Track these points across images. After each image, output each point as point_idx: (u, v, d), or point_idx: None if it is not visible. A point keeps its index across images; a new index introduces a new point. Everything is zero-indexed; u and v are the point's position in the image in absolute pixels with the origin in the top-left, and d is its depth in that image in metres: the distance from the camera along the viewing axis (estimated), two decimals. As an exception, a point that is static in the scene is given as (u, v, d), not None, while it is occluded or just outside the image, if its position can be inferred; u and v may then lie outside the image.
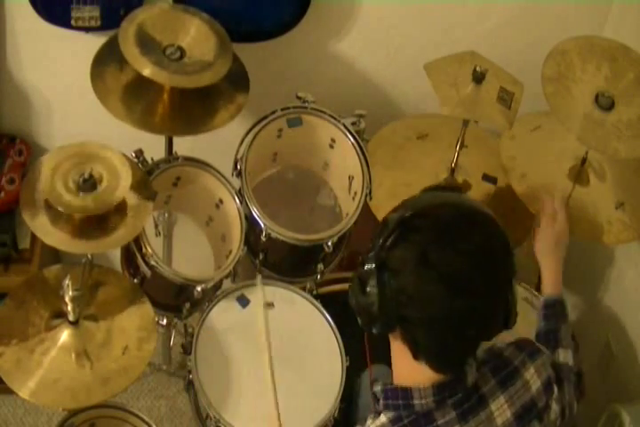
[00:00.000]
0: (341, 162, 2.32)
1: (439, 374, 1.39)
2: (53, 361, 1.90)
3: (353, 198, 2.26)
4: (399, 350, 1.40)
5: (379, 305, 1.33)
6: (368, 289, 1.34)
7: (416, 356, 1.37)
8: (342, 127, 2.27)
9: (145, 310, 2.03)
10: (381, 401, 1.42)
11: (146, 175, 2.08)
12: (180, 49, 2.09)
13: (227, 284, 2.25)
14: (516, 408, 1.45)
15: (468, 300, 1.31)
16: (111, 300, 2.01)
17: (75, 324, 1.92)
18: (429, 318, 1.32)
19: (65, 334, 1.92)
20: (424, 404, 1.39)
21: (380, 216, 2.21)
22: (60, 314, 1.93)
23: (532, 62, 2.08)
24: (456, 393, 1.40)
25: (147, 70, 2.04)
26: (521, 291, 2.32)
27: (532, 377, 1.49)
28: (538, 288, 2.40)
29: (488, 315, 1.36)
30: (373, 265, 1.33)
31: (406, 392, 1.39)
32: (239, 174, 2.19)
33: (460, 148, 2.24)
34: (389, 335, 1.40)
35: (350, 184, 2.31)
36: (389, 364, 1.46)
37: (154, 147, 2.24)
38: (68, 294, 1.83)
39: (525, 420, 1.47)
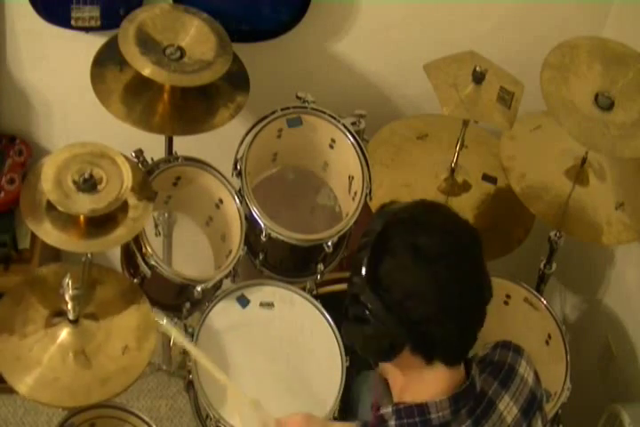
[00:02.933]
0: (341, 162, 2.32)
1: (452, 368, 1.39)
2: (52, 359, 1.90)
3: (353, 198, 2.26)
4: (407, 368, 1.40)
5: (386, 324, 1.32)
6: (367, 313, 1.33)
7: (431, 359, 1.37)
8: (342, 127, 2.27)
9: (144, 309, 2.03)
10: (393, 422, 1.41)
11: (146, 175, 2.08)
12: (180, 49, 2.10)
13: (227, 284, 2.25)
14: (521, 404, 1.47)
15: (467, 272, 1.35)
16: (111, 299, 2.01)
17: (74, 322, 1.92)
18: (443, 305, 1.33)
19: (64, 333, 1.92)
20: (441, 416, 1.39)
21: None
22: (60, 313, 1.93)
23: (532, 62, 2.08)
24: (469, 401, 1.41)
25: (147, 70, 2.04)
26: (521, 291, 2.32)
27: (526, 370, 1.51)
28: (538, 288, 2.40)
29: (483, 287, 1.39)
30: (366, 288, 1.33)
31: (422, 408, 1.39)
32: (239, 174, 2.19)
33: (460, 148, 2.24)
34: (391, 362, 1.40)
35: (350, 184, 2.31)
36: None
37: (154, 147, 2.24)
38: (69, 293, 1.83)
39: (530, 413, 1.49)
